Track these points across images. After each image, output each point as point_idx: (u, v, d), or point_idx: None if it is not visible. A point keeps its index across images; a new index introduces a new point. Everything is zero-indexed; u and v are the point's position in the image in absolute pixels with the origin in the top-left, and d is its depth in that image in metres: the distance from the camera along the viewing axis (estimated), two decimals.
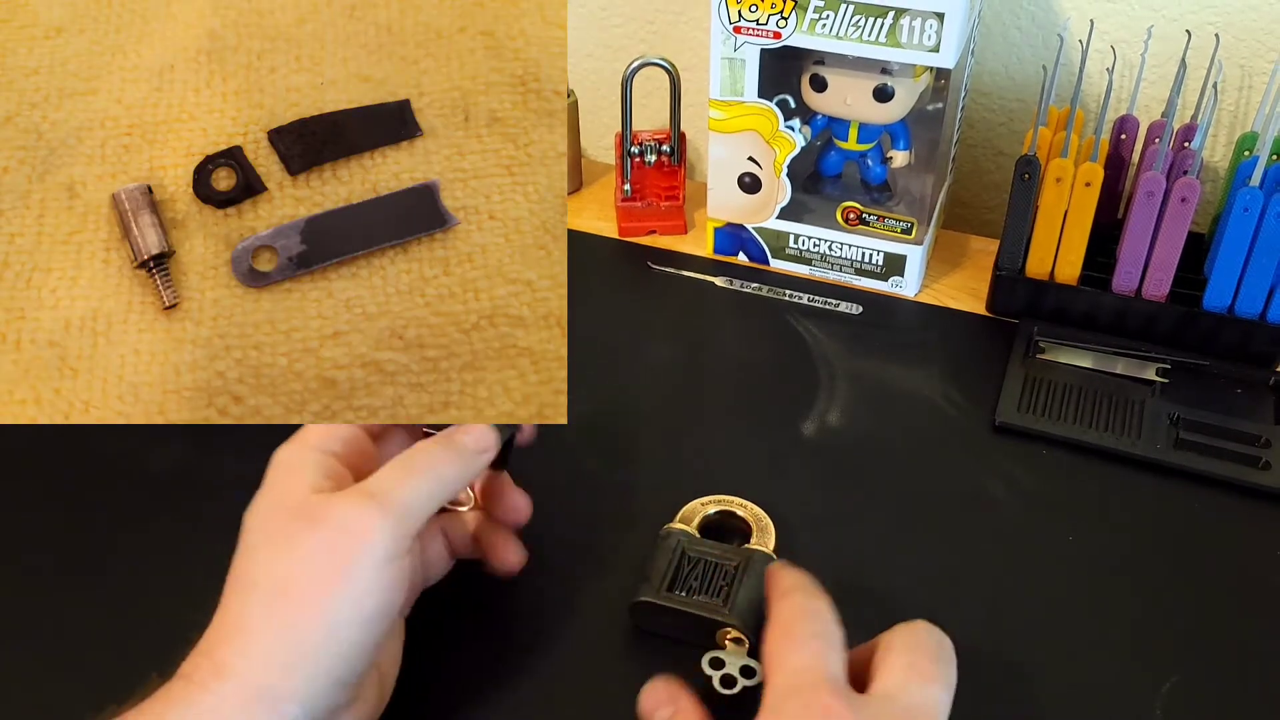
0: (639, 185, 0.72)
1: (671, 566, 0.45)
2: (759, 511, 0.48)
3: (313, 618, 0.34)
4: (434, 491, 0.38)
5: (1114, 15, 0.67)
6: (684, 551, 0.46)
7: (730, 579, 0.44)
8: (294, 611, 0.34)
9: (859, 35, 0.58)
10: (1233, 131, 0.67)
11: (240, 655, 0.34)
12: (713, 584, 0.44)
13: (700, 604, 0.43)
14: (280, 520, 0.37)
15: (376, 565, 0.35)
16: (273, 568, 0.36)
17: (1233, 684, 0.43)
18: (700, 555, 0.45)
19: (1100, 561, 0.48)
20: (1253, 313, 0.58)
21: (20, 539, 0.49)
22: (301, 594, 0.35)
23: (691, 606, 0.43)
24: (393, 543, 0.36)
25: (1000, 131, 0.74)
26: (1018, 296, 0.63)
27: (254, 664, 0.34)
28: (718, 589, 0.44)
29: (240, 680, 0.33)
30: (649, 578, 0.45)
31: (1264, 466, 0.52)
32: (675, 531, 0.47)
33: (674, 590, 0.44)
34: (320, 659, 0.34)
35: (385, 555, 0.36)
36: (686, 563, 0.45)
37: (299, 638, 0.34)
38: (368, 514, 0.36)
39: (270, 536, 0.37)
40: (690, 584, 0.44)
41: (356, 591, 0.35)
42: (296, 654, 0.34)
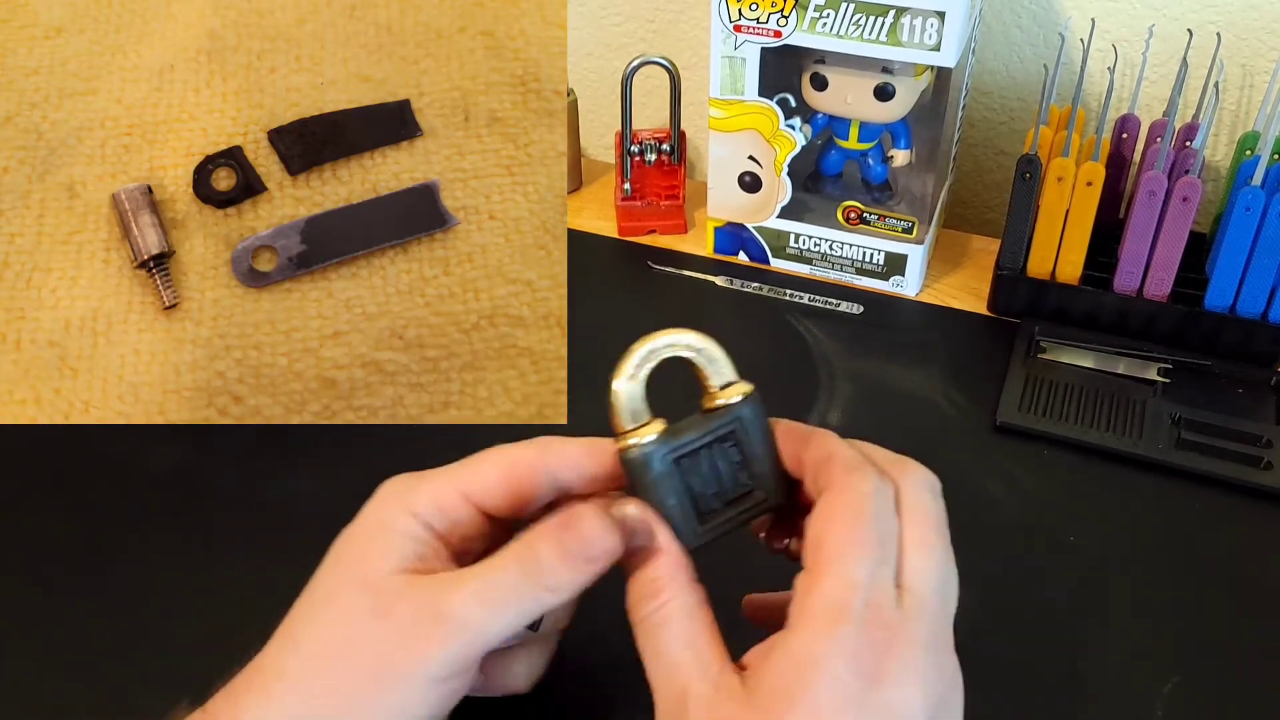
0: (639, 184, 0.72)
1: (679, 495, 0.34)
2: (692, 338, 0.35)
3: (340, 707, 0.32)
4: (519, 616, 0.33)
5: (1115, 14, 0.67)
6: (674, 464, 0.34)
7: (735, 454, 0.35)
8: (328, 699, 0.32)
9: (860, 34, 0.57)
10: (1234, 131, 0.67)
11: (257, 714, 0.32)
12: (722, 476, 0.35)
13: (738, 513, 0.35)
14: (351, 587, 0.34)
15: (426, 681, 0.32)
16: (320, 635, 0.33)
17: (1234, 685, 0.43)
18: (690, 450, 0.34)
19: (1101, 562, 0.48)
20: (1254, 312, 0.58)
21: (20, 539, 0.49)
22: (338, 679, 0.32)
23: (734, 521, 0.35)
24: (449, 668, 0.33)
25: (1001, 130, 0.74)
26: (1019, 296, 0.63)
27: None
28: (732, 475, 0.35)
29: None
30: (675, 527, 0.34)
31: (1265, 467, 0.52)
32: (646, 447, 0.33)
33: (706, 519, 0.35)
34: None
35: (439, 675, 0.33)
36: (687, 471, 0.34)
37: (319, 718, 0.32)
38: (430, 635, 0.32)
39: (332, 597, 0.34)
40: (708, 494, 0.34)
41: (396, 701, 0.32)
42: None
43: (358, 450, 0.52)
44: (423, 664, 0.32)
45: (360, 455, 0.52)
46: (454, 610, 0.32)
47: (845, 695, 0.29)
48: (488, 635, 0.33)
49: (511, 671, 0.38)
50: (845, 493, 0.32)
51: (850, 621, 0.29)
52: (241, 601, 0.37)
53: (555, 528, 0.33)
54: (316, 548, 0.36)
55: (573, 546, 0.32)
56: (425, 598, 0.33)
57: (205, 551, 0.49)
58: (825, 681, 0.29)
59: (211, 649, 0.36)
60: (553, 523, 0.33)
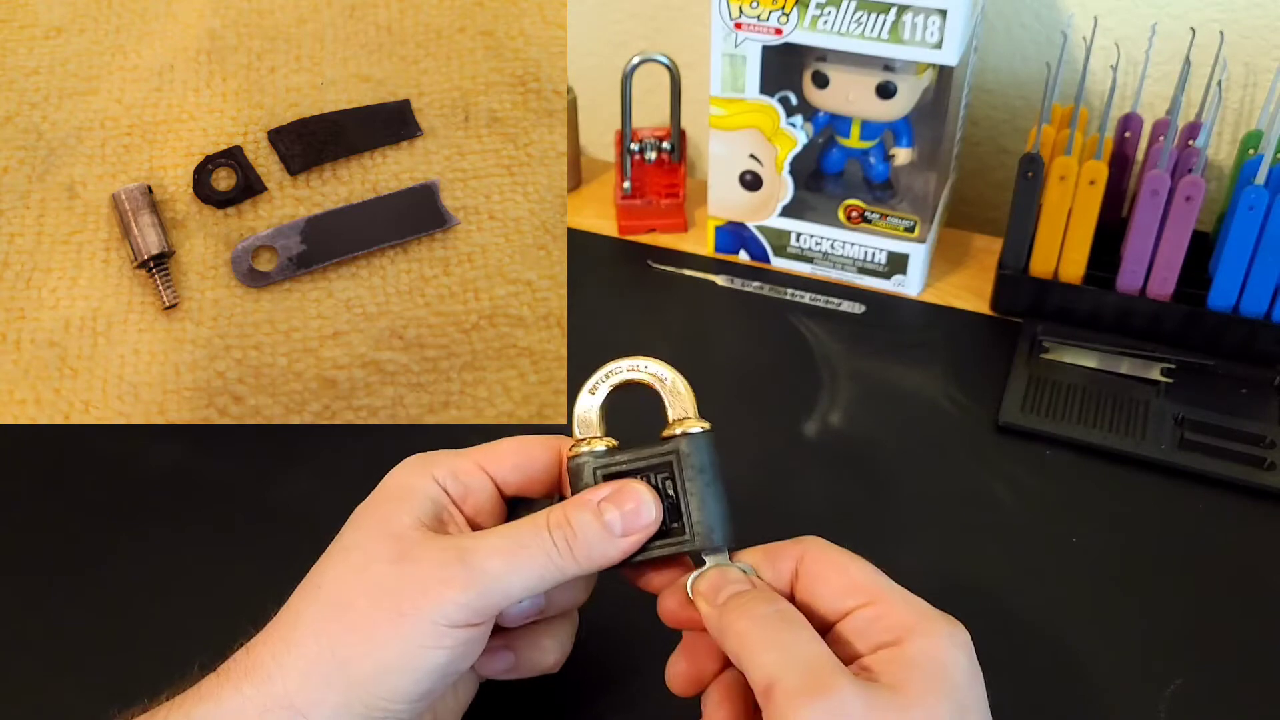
0: (639, 183, 0.72)
1: None
2: (658, 368, 0.37)
3: (361, 652, 0.33)
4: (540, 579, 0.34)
5: (1118, 12, 0.66)
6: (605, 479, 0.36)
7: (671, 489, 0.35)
8: (345, 637, 0.33)
9: (861, 32, 0.57)
10: (1237, 129, 0.67)
11: (278, 662, 0.33)
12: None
13: (659, 546, 0.35)
14: (373, 539, 0.35)
15: (442, 626, 0.33)
16: (341, 580, 0.34)
17: (1238, 686, 0.43)
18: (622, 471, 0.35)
19: (1104, 562, 0.48)
20: (1258, 312, 0.58)
21: (20, 539, 0.49)
22: (357, 623, 0.33)
23: (652, 552, 0.35)
24: (466, 614, 0.33)
25: (1004, 129, 0.74)
26: (1021, 295, 0.62)
27: (288, 675, 0.33)
28: (666, 509, 0.35)
29: (269, 687, 0.32)
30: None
31: (1269, 467, 0.52)
32: (583, 456, 0.36)
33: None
34: (356, 692, 0.33)
35: (456, 619, 0.33)
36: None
37: (340, 664, 0.33)
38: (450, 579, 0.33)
39: (354, 548, 0.35)
40: None
41: (413, 644, 0.33)
42: (333, 680, 0.33)
43: (358, 450, 0.52)
44: (439, 606, 0.33)
45: (360, 455, 0.52)
46: (477, 559, 0.33)
47: (976, 680, 0.32)
48: (508, 590, 0.34)
49: (541, 647, 0.38)
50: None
51: (947, 620, 0.33)
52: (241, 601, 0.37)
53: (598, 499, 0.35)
54: (316, 547, 0.36)
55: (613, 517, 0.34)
56: (449, 545, 0.34)
57: (205, 551, 0.49)
58: (964, 671, 0.32)
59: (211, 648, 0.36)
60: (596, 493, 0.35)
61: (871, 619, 0.33)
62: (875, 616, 0.33)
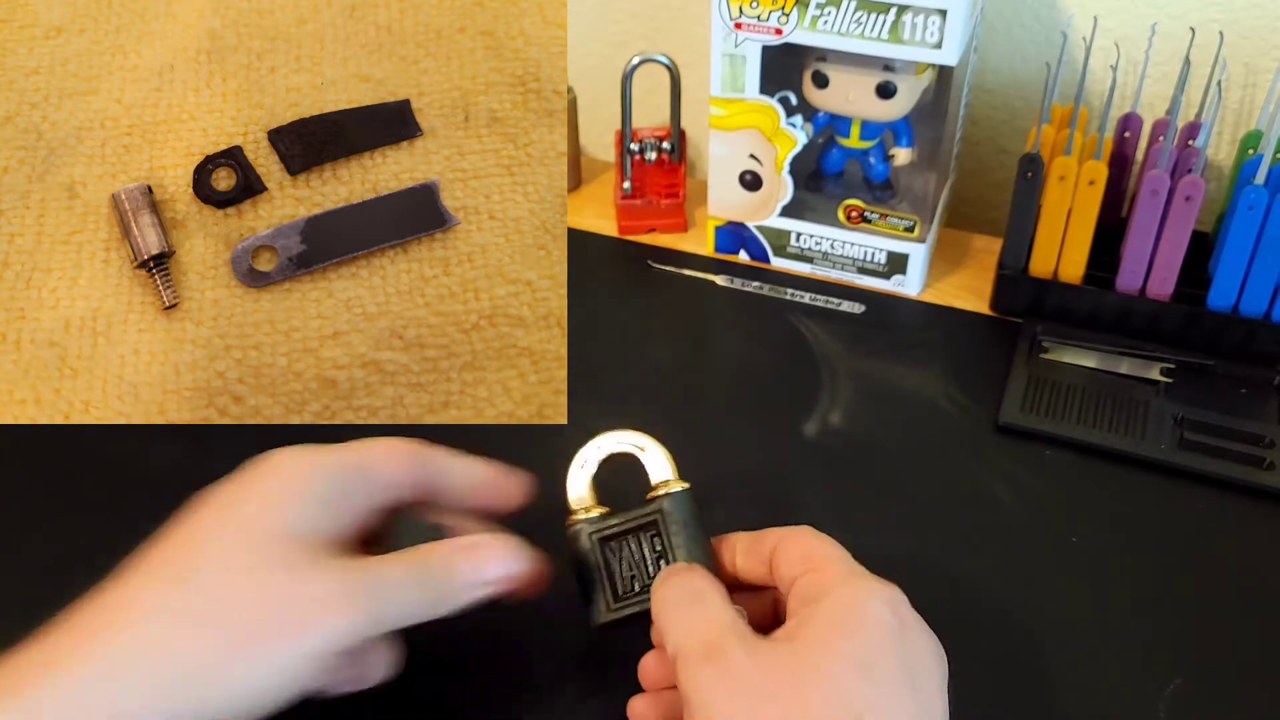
0: (639, 183, 0.72)
1: (603, 571, 0.39)
2: (634, 437, 0.41)
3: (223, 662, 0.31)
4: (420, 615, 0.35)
5: (1117, 12, 0.66)
6: (599, 544, 0.40)
7: (659, 544, 0.39)
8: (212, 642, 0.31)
9: (861, 32, 0.57)
10: (1237, 129, 0.67)
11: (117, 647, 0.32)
12: (645, 562, 0.39)
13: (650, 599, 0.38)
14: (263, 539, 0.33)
15: (318, 651, 0.32)
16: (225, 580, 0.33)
17: (1238, 687, 0.43)
18: (615, 534, 0.39)
19: (1104, 563, 0.48)
20: (1257, 312, 0.58)
21: (20, 539, 0.49)
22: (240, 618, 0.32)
23: (643, 604, 0.38)
24: (349, 640, 0.33)
25: (1004, 129, 0.74)
26: (1021, 295, 0.63)
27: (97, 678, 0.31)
28: (654, 562, 0.39)
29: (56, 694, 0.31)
30: (590, 598, 0.40)
31: (1269, 467, 0.52)
32: (579, 524, 0.40)
33: (620, 598, 0.39)
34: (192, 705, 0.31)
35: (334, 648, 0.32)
36: (611, 554, 0.40)
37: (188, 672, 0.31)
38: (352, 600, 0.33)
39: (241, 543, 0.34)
40: (627, 577, 0.39)
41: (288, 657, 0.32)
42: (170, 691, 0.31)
43: None
44: (326, 632, 0.32)
45: None
46: (376, 584, 0.34)
47: (889, 631, 0.32)
48: (388, 622, 0.34)
49: (369, 663, 0.37)
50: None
51: (875, 579, 0.34)
52: None
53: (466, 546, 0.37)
54: None
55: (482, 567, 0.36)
56: (351, 565, 0.34)
57: None
58: (873, 618, 0.32)
59: None
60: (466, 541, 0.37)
61: (810, 583, 0.35)
62: (814, 581, 0.35)
